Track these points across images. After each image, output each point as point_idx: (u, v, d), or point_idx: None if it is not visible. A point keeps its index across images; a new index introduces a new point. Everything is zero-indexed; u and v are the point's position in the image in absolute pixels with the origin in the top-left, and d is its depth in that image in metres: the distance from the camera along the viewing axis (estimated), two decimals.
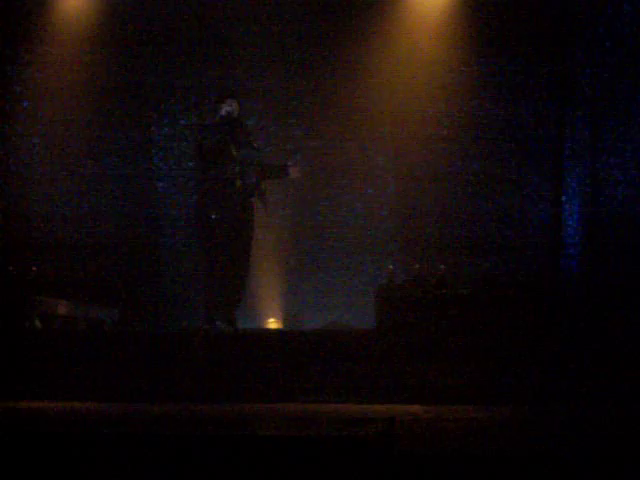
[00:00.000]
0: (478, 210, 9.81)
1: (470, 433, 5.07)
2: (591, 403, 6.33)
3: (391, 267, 8.51)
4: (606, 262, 8.84)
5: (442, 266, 8.28)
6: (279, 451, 4.55)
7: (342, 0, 9.95)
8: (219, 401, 6.55)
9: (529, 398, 6.53)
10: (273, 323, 9.58)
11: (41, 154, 10.00)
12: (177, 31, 10.12)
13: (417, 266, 8.57)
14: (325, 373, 6.77)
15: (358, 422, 5.20)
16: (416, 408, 6.29)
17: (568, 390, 6.54)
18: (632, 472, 4.32)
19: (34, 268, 9.05)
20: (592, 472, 4.33)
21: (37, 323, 8.14)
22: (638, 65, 8.84)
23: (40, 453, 4.66)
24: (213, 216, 7.89)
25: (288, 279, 9.93)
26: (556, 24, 9.50)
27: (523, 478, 4.37)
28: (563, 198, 9.45)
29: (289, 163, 8.37)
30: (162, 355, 7.07)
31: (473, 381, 6.68)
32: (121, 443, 4.66)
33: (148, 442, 4.66)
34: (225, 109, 8.14)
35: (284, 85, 10.18)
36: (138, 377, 6.89)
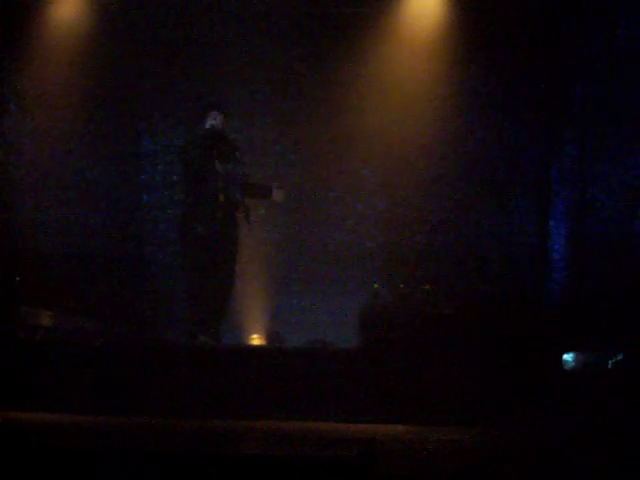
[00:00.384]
0: (465, 232, 9.80)
1: (453, 454, 5.04)
2: (575, 424, 6.31)
3: (376, 286, 8.50)
4: (593, 286, 8.84)
5: (427, 286, 8.27)
6: (258, 470, 4.51)
7: (332, 13, 9.95)
8: (198, 417, 6.51)
9: (514, 419, 6.51)
10: (256, 339, 9.55)
11: (27, 163, 9.93)
12: (168, 43, 10.11)
13: (402, 285, 8.56)
14: (307, 391, 6.74)
15: (339, 442, 5.17)
16: (398, 428, 6.27)
17: (554, 411, 6.53)
18: None
19: (17, 278, 8.99)
20: None
21: (20, 334, 8.08)
22: (629, 87, 8.86)
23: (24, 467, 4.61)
24: (199, 229, 7.85)
25: (272, 295, 9.90)
26: (546, 45, 9.50)
27: None
28: (551, 222, 9.45)
29: (274, 185, 8.32)
30: (144, 368, 7.03)
31: (457, 402, 6.66)
32: (103, 458, 4.62)
33: (127, 457, 4.61)
34: (209, 122, 8.08)
35: (272, 99, 10.17)
36: (120, 390, 6.85)
